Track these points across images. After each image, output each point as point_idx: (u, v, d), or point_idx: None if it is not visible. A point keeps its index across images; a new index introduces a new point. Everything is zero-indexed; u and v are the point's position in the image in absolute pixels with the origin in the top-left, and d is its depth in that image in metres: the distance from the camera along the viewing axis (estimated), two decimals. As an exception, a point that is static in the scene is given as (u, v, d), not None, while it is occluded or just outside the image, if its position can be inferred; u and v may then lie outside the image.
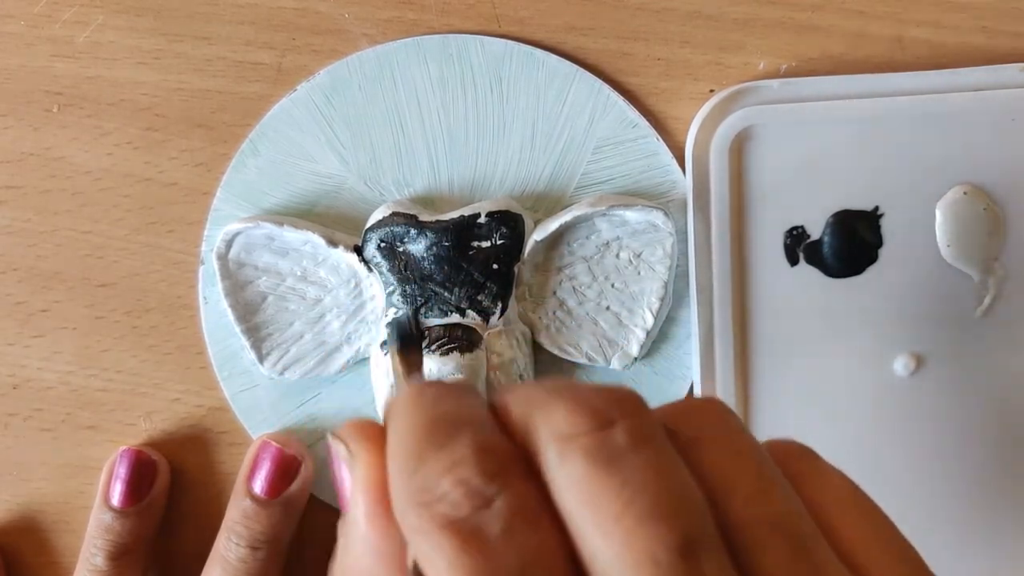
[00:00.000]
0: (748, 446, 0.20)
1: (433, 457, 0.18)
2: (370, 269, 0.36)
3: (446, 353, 0.35)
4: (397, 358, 0.24)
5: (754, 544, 0.18)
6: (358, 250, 0.36)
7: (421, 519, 0.18)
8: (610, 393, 0.19)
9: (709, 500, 0.19)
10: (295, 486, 0.36)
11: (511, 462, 0.18)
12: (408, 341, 0.25)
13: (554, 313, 0.37)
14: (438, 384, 0.21)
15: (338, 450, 0.21)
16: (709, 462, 0.19)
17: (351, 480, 0.20)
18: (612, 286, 0.37)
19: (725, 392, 0.37)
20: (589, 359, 0.37)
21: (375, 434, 0.21)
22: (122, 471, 0.36)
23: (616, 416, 0.19)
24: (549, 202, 0.37)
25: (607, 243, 0.37)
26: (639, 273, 0.37)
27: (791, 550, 0.18)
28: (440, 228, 0.35)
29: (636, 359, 0.37)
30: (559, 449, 0.18)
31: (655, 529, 0.17)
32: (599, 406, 0.19)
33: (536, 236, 0.36)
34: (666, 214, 0.36)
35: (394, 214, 0.36)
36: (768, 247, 0.37)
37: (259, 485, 0.36)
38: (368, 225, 0.36)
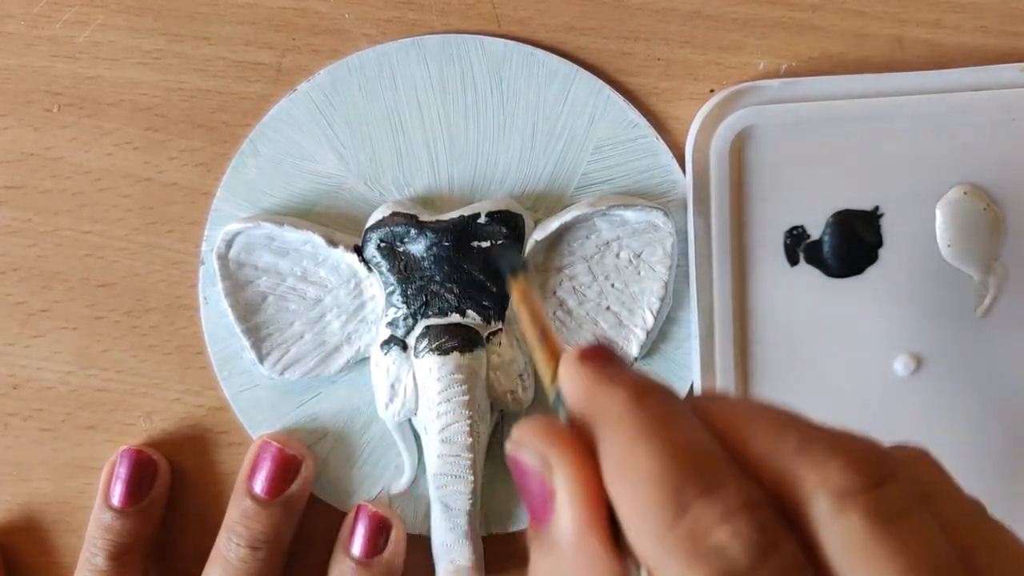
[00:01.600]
0: (972, 503, 0.20)
1: (702, 503, 0.18)
2: (370, 269, 0.36)
3: (446, 353, 0.35)
4: (515, 291, 0.23)
5: None
6: (358, 250, 0.36)
7: (692, 568, 0.17)
8: (871, 446, 0.19)
9: (965, 564, 0.18)
10: (295, 486, 0.36)
11: (775, 514, 0.18)
12: (512, 264, 0.23)
13: (554, 313, 0.37)
14: (654, 387, 0.20)
15: (529, 458, 0.20)
16: (952, 524, 0.19)
17: (558, 492, 0.19)
18: (612, 286, 0.37)
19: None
20: (589, 359, 0.37)
21: (573, 443, 0.20)
22: (122, 471, 0.36)
23: (888, 474, 0.18)
24: (549, 202, 0.37)
25: (607, 243, 0.37)
26: (639, 273, 0.37)
27: None
28: (440, 228, 0.35)
29: (636, 359, 0.37)
30: (835, 504, 0.18)
31: None
32: (871, 461, 0.18)
33: (536, 236, 0.36)
34: (666, 214, 0.36)
35: (394, 214, 0.36)
36: (768, 247, 0.37)
37: (259, 485, 0.36)
38: (368, 225, 0.36)
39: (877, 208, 0.37)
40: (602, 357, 0.21)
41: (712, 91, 0.37)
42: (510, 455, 0.20)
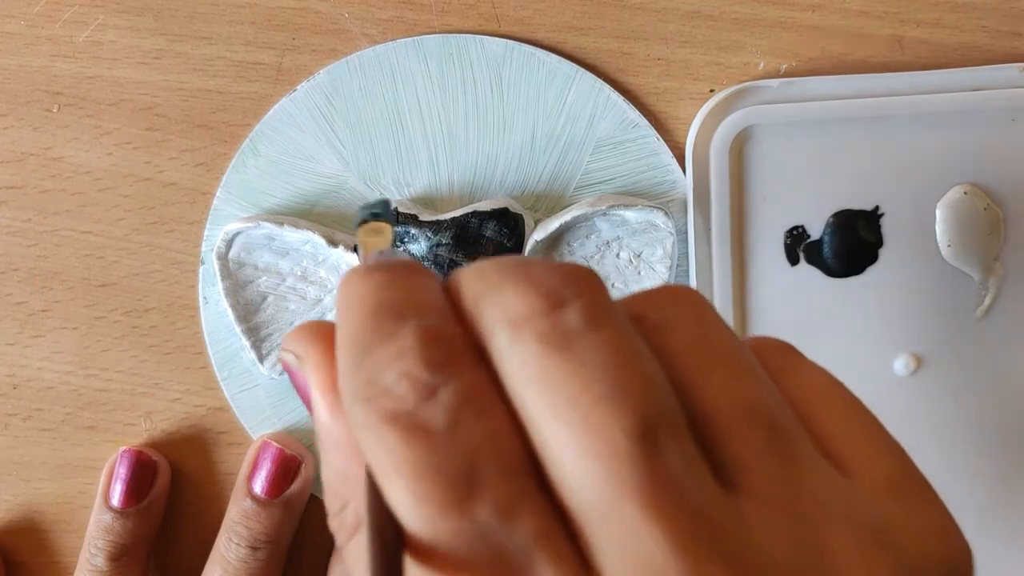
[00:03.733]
0: (722, 334, 0.19)
1: (378, 348, 0.17)
2: (370, 269, 0.36)
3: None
4: (360, 232, 0.22)
5: (726, 433, 0.17)
6: (358, 250, 0.36)
7: (365, 413, 0.17)
8: (564, 271, 0.18)
9: (678, 388, 0.17)
10: (295, 486, 0.36)
11: (460, 350, 0.17)
12: (376, 215, 0.23)
13: (554, 313, 0.37)
14: (388, 264, 0.19)
15: (286, 358, 0.20)
16: (679, 348, 0.18)
17: (308, 380, 0.19)
18: (612, 286, 0.37)
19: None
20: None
21: (324, 332, 0.20)
22: (122, 471, 0.36)
23: (570, 296, 0.17)
24: (549, 202, 0.37)
25: (607, 243, 0.37)
26: (639, 273, 0.37)
27: (766, 439, 0.17)
28: (440, 228, 0.35)
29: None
30: (510, 332, 0.17)
31: (613, 412, 0.16)
32: (552, 285, 0.17)
33: (536, 236, 0.36)
34: (666, 214, 0.36)
35: (394, 214, 0.36)
36: (768, 247, 0.37)
37: (259, 485, 0.36)
38: (368, 225, 0.36)
39: (877, 208, 0.37)
40: (374, 258, 0.21)
41: (712, 91, 0.37)
42: (279, 359, 0.21)
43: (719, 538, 0.16)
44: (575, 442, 0.16)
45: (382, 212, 0.23)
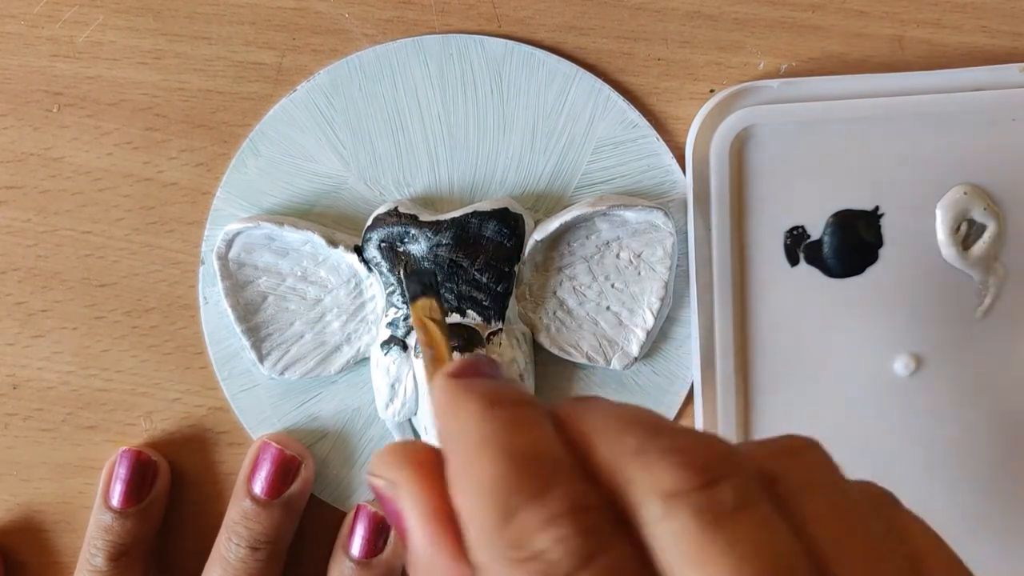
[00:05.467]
0: (855, 498, 0.19)
1: (528, 510, 0.17)
2: (370, 269, 0.36)
3: (446, 353, 0.35)
4: (415, 311, 0.23)
5: None
6: (358, 250, 0.36)
7: (514, 574, 0.17)
8: (710, 445, 0.18)
9: (821, 558, 0.18)
10: (295, 487, 0.36)
11: (607, 517, 0.18)
12: (425, 287, 0.22)
13: (554, 313, 0.37)
14: (505, 395, 0.19)
15: (376, 483, 0.20)
16: (817, 516, 0.18)
17: (404, 511, 0.19)
18: (612, 286, 0.37)
19: (725, 392, 0.37)
20: (589, 359, 0.37)
21: (421, 459, 0.20)
22: (122, 472, 0.36)
23: (721, 473, 0.18)
24: (549, 202, 0.37)
25: (607, 243, 0.37)
26: (639, 273, 0.37)
27: None
28: (440, 228, 0.35)
29: (636, 359, 0.37)
30: (664, 506, 0.17)
31: None
32: (704, 460, 0.18)
33: (536, 236, 0.36)
34: (666, 214, 0.36)
35: (394, 214, 0.36)
36: (768, 247, 0.37)
37: (259, 486, 0.36)
38: (368, 225, 0.36)
39: (877, 208, 0.37)
40: (469, 371, 0.21)
41: (712, 91, 0.37)
42: (368, 483, 0.20)
43: None
44: None
45: (431, 285, 0.23)
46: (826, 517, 0.18)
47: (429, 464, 0.19)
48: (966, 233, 0.37)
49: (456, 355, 0.22)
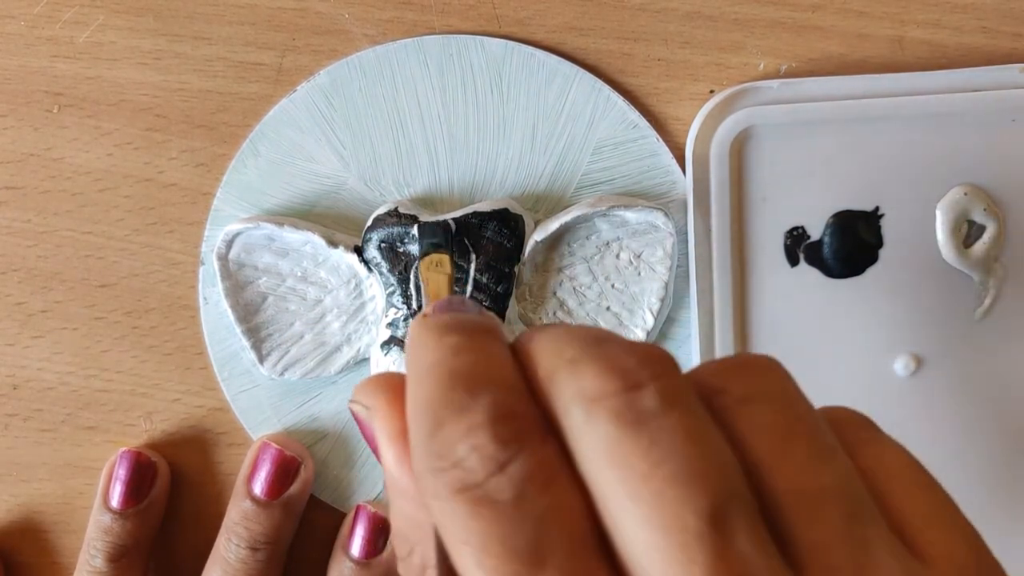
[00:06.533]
0: (803, 410, 0.19)
1: (451, 421, 0.18)
2: (370, 269, 0.36)
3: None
4: (423, 265, 0.23)
5: (798, 515, 0.17)
6: (358, 251, 0.36)
7: (436, 484, 0.17)
8: (641, 352, 0.18)
9: (756, 466, 0.18)
10: (295, 487, 0.36)
11: (531, 425, 0.18)
12: (436, 245, 0.23)
13: (554, 314, 0.37)
14: (460, 324, 0.20)
15: (355, 408, 0.21)
16: (757, 426, 0.18)
17: (376, 433, 0.20)
18: (612, 287, 0.37)
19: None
20: (589, 359, 0.37)
21: (393, 385, 0.20)
22: (121, 473, 0.36)
23: (646, 377, 0.18)
24: (549, 202, 0.37)
25: (607, 243, 0.37)
26: (639, 274, 0.37)
27: (839, 522, 0.17)
28: (440, 228, 0.35)
29: (636, 359, 0.37)
30: (584, 410, 0.17)
31: (684, 492, 0.16)
32: (628, 366, 0.18)
33: (536, 236, 0.36)
34: (666, 214, 0.36)
35: (394, 214, 0.36)
36: (768, 247, 0.37)
37: (259, 486, 0.36)
38: (368, 225, 0.36)
39: (877, 208, 0.37)
40: (441, 309, 0.21)
41: (712, 92, 0.37)
42: (349, 408, 0.21)
43: None
44: (645, 520, 0.16)
45: (442, 242, 0.23)
46: (766, 428, 0.18)
47: (399, 389, 0.20)
48: (966, 234, 0.37)
49: None
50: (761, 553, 0.16)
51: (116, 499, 0.36)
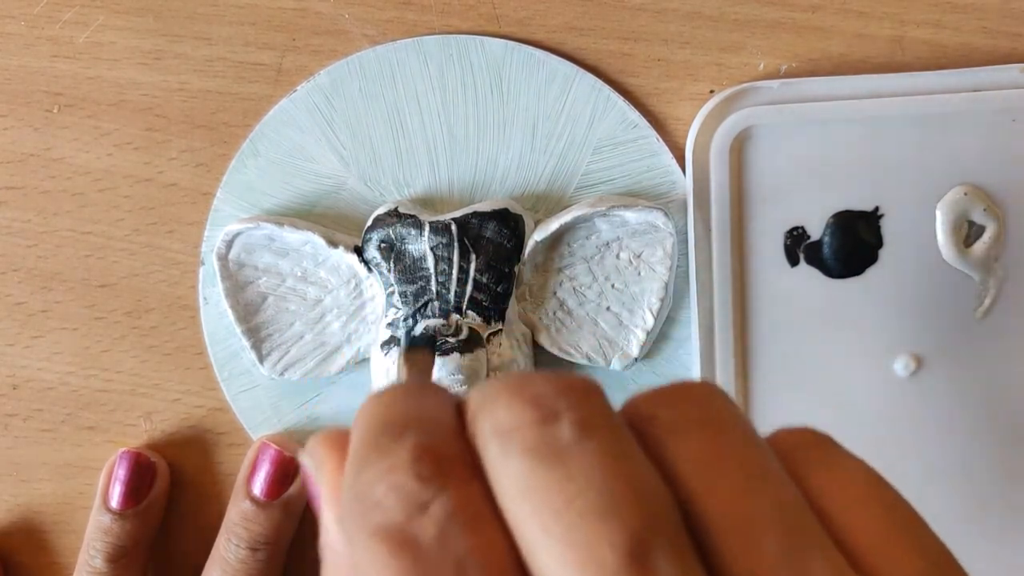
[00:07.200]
0: (738, 435, 0.18)
1: (373, 462, 0.17)
2: (370, 270, 0.36)
3: (446, 354, 0.35)
4: (402, 357, 0.24)
5: (733, 544, 0.16)
6: (358, 251, 0.36)
7: (355, 527, 0.17)
8: (560, 382, 0.18)
9: (689, 496, 0.17)
10: (295, 488, 0.36)
11: (454, 465, 0.17)
12: (415, 344, 0.24)
13: (554, 313, 0.37)
14: (404, 385, 0.20)
15: (306, 464, 0.20)
16: (685, 454, 0.17)
17: (321, 487, 0.19)
18: (612, 286, 0.37)
19: (725, 392, 0.36)
20: (589, 360, 0.37)
21: (341, 442, 0.20)
22: (121, 473, 0.36)
23: (563, 407, 0.17)
24: (549, 202, 0.37)
25: (607, 243, 0.37)
26: (639, 273, 0.37)
27: (778, 550, 0.16)
28: (440, 228, 0.35)
29: (636, 360, 0.37)
30: (499, 445, 0.17)
31: (601, 527, 0.16)
32: (544, 397, 0.17)
33: (536, 236, 0.36)
34: (666, 214, 0.36)
35: (394, 214, 0.36)
36: (768, 247, 0.37)
37: (259, 487, 0.36)
38: (368, 225, 0.36)
39: (877, 208, 0.37)
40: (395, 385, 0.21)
41: (712, 92, 0.37)
42: (300, 465, 0.21)
43: None
44: (562, 558, 0.16)
45: (428, 350, 0.24)
46: (698, 456, 0.17)
47: (344, 446, 0.20)
48: (966, 234, 0.37)
49: None
50: None
51: (116, 499, 0.36)
